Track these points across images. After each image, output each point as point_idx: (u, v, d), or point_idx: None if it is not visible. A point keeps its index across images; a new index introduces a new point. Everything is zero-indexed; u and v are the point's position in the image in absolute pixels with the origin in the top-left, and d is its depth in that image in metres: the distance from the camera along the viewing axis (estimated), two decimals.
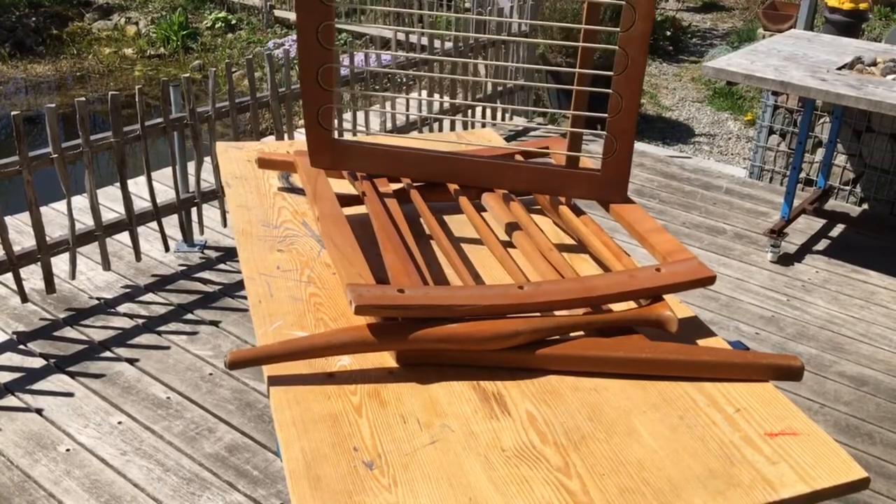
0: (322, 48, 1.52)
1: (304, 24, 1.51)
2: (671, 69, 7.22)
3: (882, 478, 2.56)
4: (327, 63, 1.54)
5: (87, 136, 3.10)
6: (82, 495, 2.36)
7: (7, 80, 7.67)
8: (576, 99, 1.58)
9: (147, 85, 7.13)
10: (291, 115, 3.89)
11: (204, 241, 3.71)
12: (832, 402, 2.89)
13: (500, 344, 1.22)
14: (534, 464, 1.06)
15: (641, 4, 1.44)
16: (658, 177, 4.69)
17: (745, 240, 4.00)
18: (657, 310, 1.31)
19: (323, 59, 1.54)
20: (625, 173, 1.58)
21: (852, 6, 5.63)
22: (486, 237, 1.52)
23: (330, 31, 1.52)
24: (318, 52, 1.53)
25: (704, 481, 1.04)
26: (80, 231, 3.24)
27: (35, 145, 4.38)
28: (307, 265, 1.49)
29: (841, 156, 4.40)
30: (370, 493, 1.00)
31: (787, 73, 3.38)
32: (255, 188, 1.78)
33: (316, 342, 1.19)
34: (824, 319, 3.37)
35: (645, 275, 1.35)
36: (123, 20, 8.92)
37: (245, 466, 2.48)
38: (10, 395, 2.74)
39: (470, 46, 4.84)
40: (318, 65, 1.54)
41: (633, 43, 1.46)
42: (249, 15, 8.64)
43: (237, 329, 3.12)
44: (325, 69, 1.55)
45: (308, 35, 1.52)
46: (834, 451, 1.10)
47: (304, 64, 1.54)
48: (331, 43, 1.53)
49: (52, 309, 3.20)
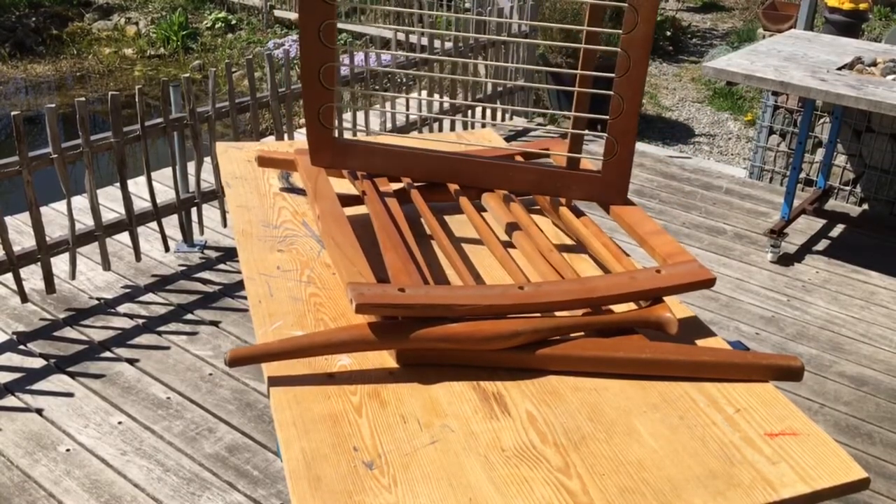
0: (324, 47, 1.52)
1: (306, 23, 1.51)
2: (671, 69, 7.23)
3: (882, 478, 2.56)
4: (328, 62, 1.54)
5: (87, 136, 3.10)
6: (82, 495, 2.36)
7: (7, 80, 7.67)
8: (577, 100, 1.58)
9: (147, 85, 7.14)
10: (291, 115, 3.89)
11: (204, 241, 3.71)
12: (832, 402, 2.89)
13: (501, 344, 1.22)
14: (534, 464, 1.06)
15: (644, 7, 1.44)
16: (658, 177, 4.69)
17: (745, 240, 4.00)
18: (657, 311, 1.31)
19: (324, 58, 1.54)
20: (625, 175, 1.58)
21: (852, 6, 5.63)
22: (487, 237, 1.52)
23: (331, 30, 1.52)
24: (320, 51, 1.53)
25: (704, 481, 1.04)
26: (80, 231, 3.24)
27: (35, 145, 4.38)
28: (307, 265, 1.49)
29: (841, 156, 4.40)
30: (370, 493, 1.00)
31: (787, 74, 3.38)
32: (255, 188, 1.78)
33: (316, 340, 1.19)
34: (824, 319, 3.37)
35: (645, 276, 1.35)
36: (123, 20, 8.92)
37: (245, 466, 2.48)
38: (10, 395, 2.74)
39: (470, 46, 4.84)
40: (320, 64, 1.54)
41: (634, 45, 1.46)
42: (249, 15, 8.64)
43: (237, 329, 3.12)
44: (327, 68, 1.55)
45: (310, 34, 1.52)
46: (834, 452, 1.10)
47: (305, 63, 1.54)
48: (332, 42, 1.53)
49: (52, 309, 3.20)
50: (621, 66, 1.49)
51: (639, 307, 1.36)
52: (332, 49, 1.53)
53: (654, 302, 1.34)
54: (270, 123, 5.36)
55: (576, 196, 1.63)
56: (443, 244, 1.48)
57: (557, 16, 5.32)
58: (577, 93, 1.57)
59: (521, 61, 5.30)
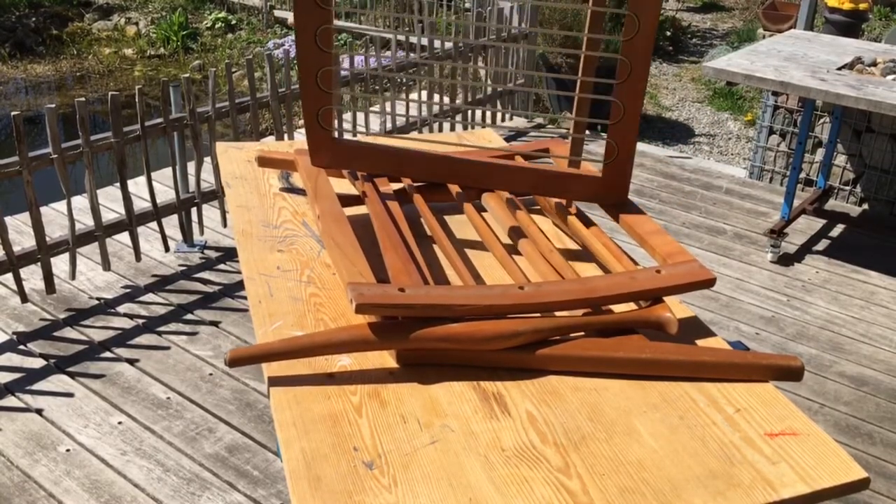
0: (321, 51, 1.52)
1: (303, 27, 1.51)
2: (671, 69, 7.23)
3: (882, 478, 2.56)
4: (326, 66, 1.54)
5: (87, 136, 3.10)
6: (82, 495, 2.36)
7: (7, 80, 7.67)
8: (577, 104, 1.58)
9: (147, 85, 7.13)
10: (291, 116, 3.89)
11: (204, 241, 3.71)
12: (832, 402, 2.89)
13: (501, 344, 1.22)
14: (534, 464, 1.06)
15: (645, 13, 1.44)
16: (658, 177, 4.69)
17: (745, 240, 4.00)
18: (657, 311, 1.31)
19: (322, 62, 1.54)
20: (626, 177, 1.58)
21: (852, 6, 5.63)
22: (487, 238, 1.52)
23: (328, 35, 1.52)
24: (317, 56, 1.53)
25: (704, 481, 1.04)
26: (80, 231, 3.24)
27: (35, 145, 4.38)
28: (307, 265, 1.49)
29: (841, 156, 4.40)
30: (370, 493, 1.00)
31: (787, 74, 3.38)
32: (255, 188, 1.78)
33: (316, 340, 1.19)
34: (824, 319, 3.37)
35: (645, 276, 1.35)
36: (123, 20, 8.92)
37: (245, 466, 2.48)
38: (10, 395, 2.74)
39: (470, 47, 4.84)
40: (317, 67, 1.54)
41: (635, 51, 1.46)
42: (249, 15, 8.64)
43: (237, 329, 3.12)
44: (324, 72, 1.55)
45: (307, 38, 1.52)
46: (834, 452, 1.10)
47: (303, 67, 1.54)
48: (329, 46, 1.53)
49: (52, 309, 3.20)
50: (622, 72, 1.49)
51: (639, 307, 1.36)
52: (329, 53, 1.53)
53: (654, 302, 1.34)
54: (270, 123, 5.36)
55: (576, 197, 1.63)
56: (443, 244, 1.48)
57: (557, 16, 5.32)
58: (578, 97, 1.57)
59: (520, 62, 5.30)
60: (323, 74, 1.55)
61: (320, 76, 1.55)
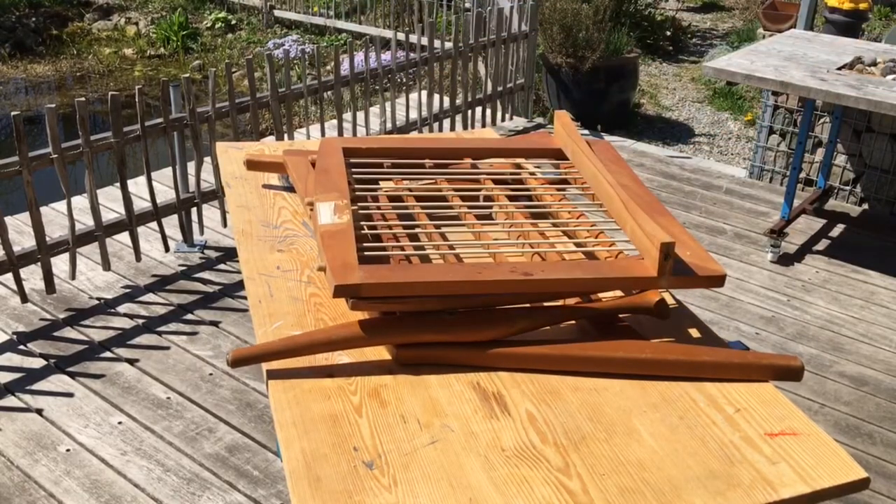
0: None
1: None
2: (671, 69, 7.22)
3: (882, 478, 2.56)
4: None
5: (87, 136, 3.10)
6: (82, 495, 2.36)
7: (7, 80, 7.66)
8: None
9: (147, 85, 7.13)
10: (291, 116, 3.89)
11: (204, 241, 3.71)
12: (832, 402, 2.89)
13: (496, 334, 1.21)
14: (534, 464, 1.06)
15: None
16: (658, 177, 4.69)
17: (745, 240, 3.99)
18: (648, 296, 1.31)
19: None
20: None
21: (852, 6, 5.64)
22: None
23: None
24: None
25: (704, 481, 1.04)
26: (80, 231, 3.24)
27: (35, 145, 4.37)
28: (307, 265, 1.49)
29: (841, 156, 4.40)
30: (370, 493, 1.00)
31: (787, 73, 3.38)
32: (255, 188, 1.78)
33: (316, 338, 1.19)
34: (824, 319, 3.36)
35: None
36: (123, 20, 8.92)
37: (245, 466, 2.48)
38: (10, 395, 2.74)
39: (470, 47, 4.84)
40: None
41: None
42: (249, 15, 8.63)
43: (237, 329, 3.12)
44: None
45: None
46: (834, 452, 1.10)
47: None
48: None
49: (52, 309, 3.20)
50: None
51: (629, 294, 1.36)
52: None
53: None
54: (270, 123, 5.36)
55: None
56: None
57: (557, 15, 5.32)
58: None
59: (520, 61, 5.29)
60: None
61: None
